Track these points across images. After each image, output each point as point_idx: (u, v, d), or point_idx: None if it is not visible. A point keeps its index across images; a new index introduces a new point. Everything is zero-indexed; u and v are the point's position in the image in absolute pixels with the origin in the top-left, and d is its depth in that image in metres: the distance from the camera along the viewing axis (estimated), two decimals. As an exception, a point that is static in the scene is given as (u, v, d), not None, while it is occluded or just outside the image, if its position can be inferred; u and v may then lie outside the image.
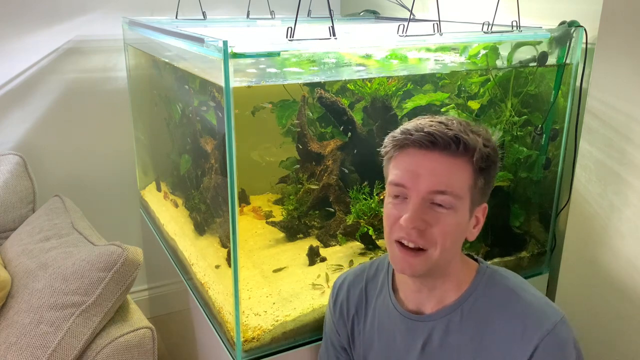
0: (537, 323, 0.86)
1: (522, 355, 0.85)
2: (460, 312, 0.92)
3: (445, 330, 0.92)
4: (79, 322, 1.25)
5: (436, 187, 0.85)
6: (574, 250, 1.31)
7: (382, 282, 1.03)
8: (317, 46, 1.11)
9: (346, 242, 1.45)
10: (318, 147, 1.51)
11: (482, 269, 0.95)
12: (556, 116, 1.44)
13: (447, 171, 0.85)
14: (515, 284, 0.93)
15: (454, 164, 0.86)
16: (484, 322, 0.90)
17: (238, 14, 2.07)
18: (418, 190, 0.85)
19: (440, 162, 0.85)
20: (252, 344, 1.17)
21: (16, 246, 1.52)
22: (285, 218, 1.51)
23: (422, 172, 0.86)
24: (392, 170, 0.90)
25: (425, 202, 0.86)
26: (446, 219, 0.86)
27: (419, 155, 0.86)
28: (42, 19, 1.84)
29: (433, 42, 1.25)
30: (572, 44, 1.37)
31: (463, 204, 0.87)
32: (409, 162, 0.87)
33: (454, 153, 0.85)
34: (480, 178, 0.88)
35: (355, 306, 1.05)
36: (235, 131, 1.03)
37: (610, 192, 1.20)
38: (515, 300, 0.90)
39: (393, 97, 1.42)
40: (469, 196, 0.87)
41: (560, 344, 0.85)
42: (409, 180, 0.86)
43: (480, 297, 0.92)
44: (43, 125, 1.92)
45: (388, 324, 1.00)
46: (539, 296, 0.91)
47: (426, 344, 0.94)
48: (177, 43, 1.29)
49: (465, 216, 0.88)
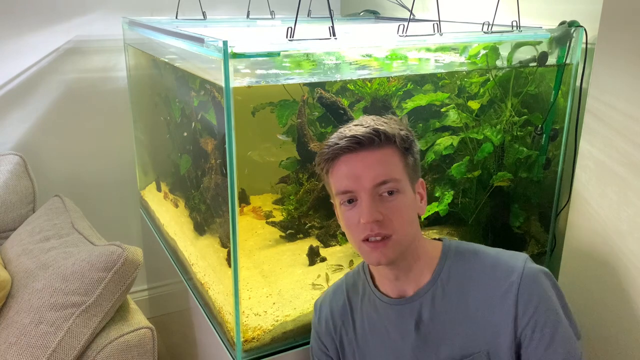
0: (509, 270, 0.94)
1: (508, 302, 0.92)
2: (440, 284, 0.98)
3: (432, 304, 0.98)
4: (79, 322, 1.25)
5: (378, 179, 0.92)
6: (574, 250, 1.31)
7: (363, 286, 1.07)
8: (317, 46, 1.11)
9: (346, 242, 1.45)
10: (318, 147, 1.51)
11: (446, 243, 1.03)
12: (556, 116, 1.44)
13: (380, 163, 0.93)
14: (477, 246, 1.03)
15: (383, 154, 0.94)
16: (464, 285, 0.97)
17: (238, 14, 2.07)
18: (364, 189, 0.93)
19: (372, 157, 0.93)
20: (252, 344, 1.17)
21: (16, 246, 1.52)
22: (285, 218, 1.51)
23: (360, 172, 0.93)
24: (334, 181, 0.97)
25: (374, 196, 0.93)
26: (397, 204, 0.94)
27: (352, 159, 0.94)
28: (42, 19, 1.84)
29: (433, 42, 1.25)
30: (572, 44, 1.37)
31: (404, 185, 0.95)
32: (346, 168, 0.94)
33: (378, 145, 0.94)
34: (408, 157, 0.97)
35: (341, 318, 1.08)
36: (235, 131, 1.03)
37: (610, 192, 1.20)
38: (484, 257, 0.98)
39: (393, 97, 1.42)
40: (406, 176, 0.96)
41: (535, 278, 0.93)
42: (353, 184, 0.93)
43: (453, 266, 0.99)
44: (43, 125, 1.92)
45: (378, 320, 1.03)
46: (499, 249, 1.00)
47: (418, 323, 0.98)
48: (177, 43, 1.29)
49: (411, 194, 0.97)
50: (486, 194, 1.42)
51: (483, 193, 1.42)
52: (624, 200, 1.17)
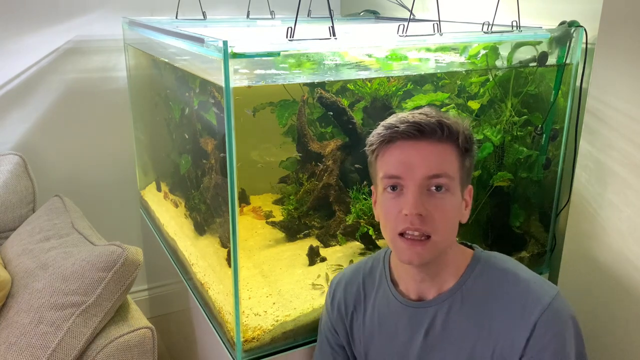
0: (534, 300, 0.88)
1: (523, 332, 0.87)
2: (460, 295, 0.94)
3: (447, 314, 0.94)
4: (79, 322, 1.25)
5: (431, 172, 0.88)
6: (574, 250, 1.31)
7: (380, 277, 1.04)
8: (317, 46, 1.11)
9: (346, 242, 1.45)
10: (318, 147, 1.51)
11: (477, 254, 0.98)
12: (556, 116, 1.44)
13: (437, 156, 0.89)
14: (510, 264, 0.96)
15: (443, 149, 0.90)
16: (483, 303, 0.92)
17: (238, 14, 2.07)
18: (414, 179, 0.88)
19: (430, 149, 0.89)
20: (252, 344, 1.17)
21: (16, 246, 1.52)
22: (285, 218, 1.51)
23: (414, 160, 0.88)
24: (383, 165, 0.92)
25: (422, 189, 0.88)
26: (444, 202, 0.89)
27: (408, 146, 0.89)
28: (42, 19, 1.84)
29: (433, 42, 1.25)
30: (572, 44, 1.37)
31: (456, 186, 0.91)
32: (400, 153, 0.90)
33: (439, 138, 0.89)
34: (466, 159, 0.93)
35: (353, 303, 1.06)
36: (235, 131, 1.03)
37: (610, 192, 1.20)
38: (511, 279, 0.92)
39: (393, 97, 1.42)
40: (458, 177, 0.92)
41: (559, 317, 0.87)
42: (403, 171, 0.89)
43: (479, 279, 0.94)
44: (43, 125, 1.92)
45: (389, 317, 1.01)
46: (533, 274, 0.94)
47: (429, 329, 0.95)
48: (177, 43, 1.29)
49: (459, 197, 0.93)
50: (486, 194, 1.42)
51: (483, 193, 1.42)
52: (624, 200, 1.17)
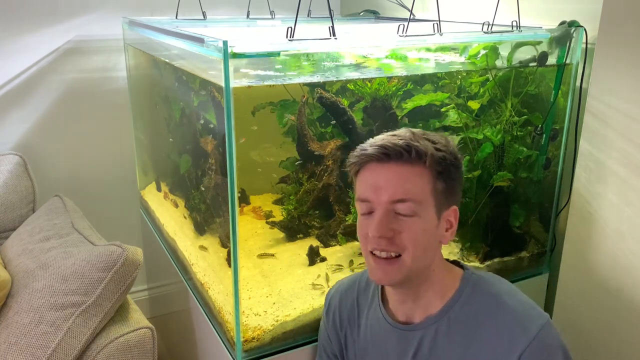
0: (521, 329, 0.86)
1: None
2: (447, 320, 0.92)
3: (434, 338, 0.93)
4: (79, 322, 1.25)
5: (395, 197, 0.87)
6: (574, 250, 1.31)
7: (373, 294, 1.04)
8: (317, 46, 1.11)
9: (346, 242, 1.45)
10: (318, 147, 1.51)
11: (466, 276, 0.96)
12: (556, 116, 1.44)
13: (404, 179, 0.88)
14: (501, 289, 0.93)
15: (410, 172, 0.88)
16: (471, 329, 0.91)
17: (238, 14, 2.07)
18: (380, 202, 0.88)
19: (396, 171, 0.88)
20: (252, 344, 1.17)
21: (16, 246, 1.52)
22: (285, 218, 1.51)
23: (381, 183, 0.88)
24: (357, 187, 0.93)
25: (389, 212, 0.88)
26: (412, 226, 0.88)
27: (377, 168, 0.89)
28: (42, 19, 1.84)
29: (433, 42, 1.25)
30: (572, 44, 1.37)
31: (427, 209, 0.89)
32: (369, 176, 0.90)
33: (407, 161, 0.88)
34: (439, 181, 0.90)
35: (347, 316, 1.06)
36: (235, 131, 1.03)
37: (610, 192, 1.20)
38: (500, 306, 0.90)
39: (393, 97, 1.42)
40: (432, 201, 0.89)
41: (546, 348, 0.85)
42: (371, 194, 0.89)
43: (466, 305, 0.92)
44: (43, 125, 1.92)
45: (379, 335, 1.01)
46: (524, 301, 0.91)
47: (417, 353, 0.95)
48: (177, 43, 1.29)
49: (433, 221, 0.90)
50: (486, 194, 1.42)
51: (483, 193, 1.42)
52: (624, 200, 1.17)
